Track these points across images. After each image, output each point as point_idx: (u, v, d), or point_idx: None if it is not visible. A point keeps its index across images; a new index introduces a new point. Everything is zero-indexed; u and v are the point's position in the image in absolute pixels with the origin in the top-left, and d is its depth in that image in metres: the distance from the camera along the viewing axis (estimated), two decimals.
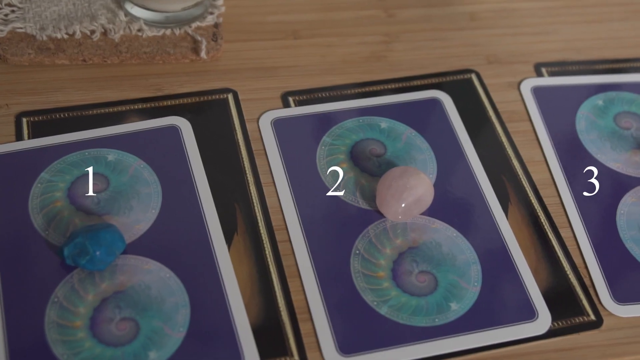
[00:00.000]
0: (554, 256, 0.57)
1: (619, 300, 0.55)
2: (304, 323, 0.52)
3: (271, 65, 0.66)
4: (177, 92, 0.63)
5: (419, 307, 0.54)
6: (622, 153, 0.63)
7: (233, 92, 0.64)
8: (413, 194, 0.56)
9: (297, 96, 0.64)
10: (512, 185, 0.60)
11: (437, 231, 0.57)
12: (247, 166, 0.59)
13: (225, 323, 0.51)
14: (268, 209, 0.57)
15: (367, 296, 0.54)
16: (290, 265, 0.55)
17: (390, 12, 0.71)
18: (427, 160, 0.61)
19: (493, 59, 0.68)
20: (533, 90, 0.66)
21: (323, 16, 0.70)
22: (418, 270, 0.55)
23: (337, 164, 0.60)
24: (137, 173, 0.58)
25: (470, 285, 0.55)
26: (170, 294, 0.52)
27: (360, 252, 0.56)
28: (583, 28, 0.72)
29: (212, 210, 0.57)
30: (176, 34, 0.65)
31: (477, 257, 0.56)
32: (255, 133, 0.61)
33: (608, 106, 0.66)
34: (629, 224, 0.59)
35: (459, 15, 0.72)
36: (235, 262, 0.54)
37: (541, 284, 0.55)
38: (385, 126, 0.63)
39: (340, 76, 0.66)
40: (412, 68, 0.67)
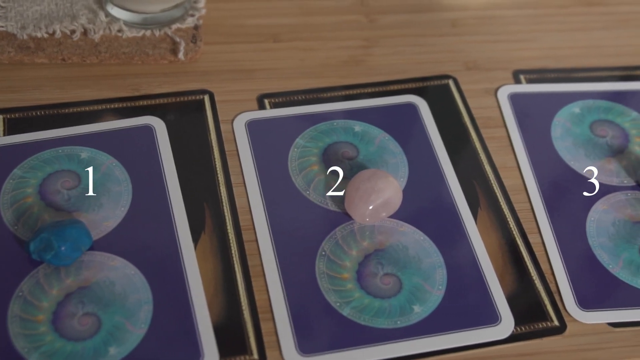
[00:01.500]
0: (521, 261, 0.57)
1: (584, 306, 0.55)
2: (266, 322, 0.53)
3: (249, 67, 0.66)
4: (154, 92, 0.64)
5: (381, 309, 0.54)
6: (596, 161, 0.63)
7: (209, 94, 0.64)
8: (381, 196, 0.57)
9: (273, 98, 0.64)
10: (483, 191, 0.60)
11: (405, 234, 0.57)
12: (218, 166, 0.60)
13: (187, 321, 0.52)
14: (237, 209, 0.58)
15: (331, 297, 0.54)
16: (256, 265, 0.55)
17: (371, 18, 0.71)
18: (399, 164, 0.61)
19: (472, 65, 0.69)
20: (510, 97, 0.66)
21: (304, 20, 0.70)
22: (383, 272, 0.55)
23: (308, 166, 0.60)
24: (109, 171, 0.58)
25: (435, 288, 0.55)
26: (134, 290, 0.53)
27: (326, 253, 0.56)
28: (564, 36, 0.72)
29: (181, 209, 0.57)
30: (156, 35, 0.66)
31: (443, 261, 0.56)
32: (229, 134, 0.62)
33: (585, 114, 0.66)
34: (599, 231, 0.59)
35: (441, 22, 0.72)
36: (200, 260, 0.55)
37: (506, 289, 0.56)
38: (360, 129, 0.63)
39: (318, 80, 0.66)
40: (390, 73, 0.67)
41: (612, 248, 0.58)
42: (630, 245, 0.58)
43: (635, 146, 0.64)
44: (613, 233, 0.59)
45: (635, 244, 0.58)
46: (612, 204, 0.60)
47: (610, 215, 0.60)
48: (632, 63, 0.70)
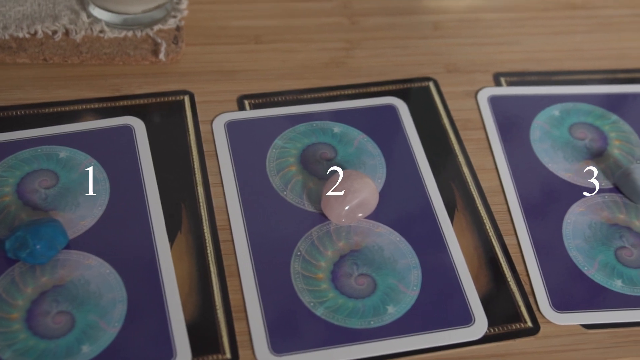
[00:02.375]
0: (496, 263, 0.57)
1: (558, 308, 0.55)
2: (239, 321, 0.53)
3: (230, 69, 0.67)
4: (135, 92, 0.64)
5: (355, 309, 0.54)
6: (574, 163, 0.63)
7: (190, 94, 0.64)
8: (357, 197, 0.57)
9: (253, 100, 0.65)
10: (460, 192, 0.61)
11: (381, 235, 0.58)
12: (196, 166, 0.60)
13: (161, 319, 0.52)
14: (214, 209, 0.58)
15: (305, 297, 0.54)
16: (231, 265, 0.55)
17: (353, 20, 0.72)
18: (377, 165, 0.61)
19: (453, 67, 0.69)
20: (490, 99, 0.67)
21: (286, 22, 0.71)
22: (358, 273, 0.56)
23: (286, 167, 0.60)
24: (87, 170, 0.59)
25: (409, 289, 0.55)
26: (109, 289, 0.53)
27: (301, 253, 0.56)
28: (545, 39, 0.72)
29: (158, 209, 0.57)
30: (137, 36, 0.66)
31: (418, 262, 0.56)
32: (208, 135, 0.62)
33: (564, 117, 0.66)
34: (575, 233, 0.59)
35: (423, 24, 0.72)
36: (176, 260, 0.55)
37: (481, 290, 0.56)
38: (338, 131, 0.63)
39: (299, 81, 0.67)
40: (370, 75, 0.68)
41: (588, 250, 0.58)
42: (606, 247, 0.59)
43: (613, 149, 0.64)
44: (589, 235, 0.59)
45: (611, 247, 0.59)
46: (589, 206, 0.61)
47: (587, 217, 0.60)
48: (613, 66, 0.71)
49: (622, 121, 0.66)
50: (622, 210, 0.61)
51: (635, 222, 0.60)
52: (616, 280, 0.57)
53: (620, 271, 0.57)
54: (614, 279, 0.57)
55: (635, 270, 0.58)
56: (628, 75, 0.70)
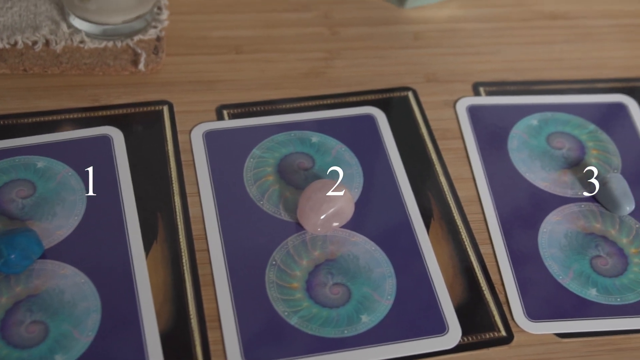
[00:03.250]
0: (471, 272, 0.57)
1: (532, 317, 0.55)
2: (213, 331, 0.53)
3: (210, 79, 0.67)
4: (114, 102, 0.64)
5: (329, 318, 0.54)
6: (552, 172, 0.63)
7: (169, 104, 0.65)
8: (332, 206, 0.57)
9: (232, 109, 0.65)
10: (437, 202, 0.61)
11: (357, 244, 0.58)
12: (174, 176, 0.60)
13: (134, 329, 0.52)
14: (190, 219, 0.58)
15: (279, 306, 0.54)
16: (206, 274, 0.56)
17: (334, 30, 0.72)
18: (354, 174, 0.62)
19: (432, 77, 0.69)
20: (468, 109, 0.67)
21: (267, 32, 0.71)
22: (333, 282, 0.56)
23: (263, 176, 0.61)
24: (65, 180, 0.59)
25: (384, 298, 0.55)
26: (83, 298, 0.53)
27: (277, 263, 0.56)
28: (525, 49, 0.72)
29: (134, 218, 0.57)
30: (118, 46, 0.67)
31: (393, 271, 0.57)
32: (187, 144, 0.62)
33: (542, 126, 0.66)
34: (551, 242, 0.59)
35: (403, 34, 0.72)
36: (151, 269, 0.55)
37: (455, 299, 0.56)
38: (316, 140, 0.63)
39: (278, 91, 0.67)
40: (350, 85, 0.68)
41: (563, 259, 0.58)
42: (582, 256, 0.59)
43: (591, 158, 0.65)
44: (565, 244, 0.59)
45: (586, 256, 0.59)
46: (565, 215, 0.61)
47: (563, 226, 0.60)
48: (591, 76, 0.71)
49: (600, 130, 0.67)
50: (598, 219, 0.61)
51: (611, 231, 0.60)
52: (591, 289, 0.57)
53: (595, 280, 0.58)
54: (589, 288, 0.57)
55: (610, 279, 0.58)
56: (606, 85, 0.70)
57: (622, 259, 0.59)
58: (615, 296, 0.57)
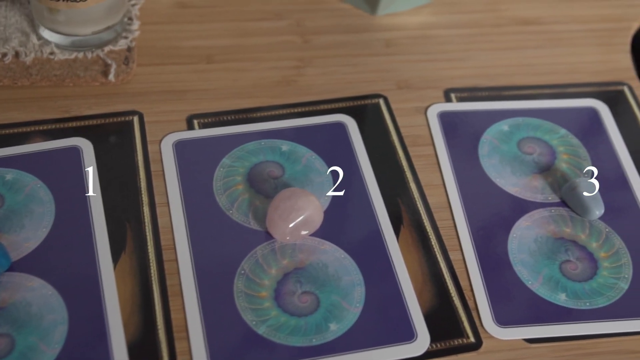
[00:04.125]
0: (441, 278, 0.57)
1: (501, 323, 0.55)
2: (180, 341, 0.53)
3: (181, 88, 0.67)
4: (84, 114, 0.64)
5: (297, 327, 0.54)
6: (522, 178, 0.63)
7: (139, 115, 0.65)
8: (301, 214, 0.57)
9: (203, 119, 0.65)
10: (406, 208, 0.61)
11: (326, 252, 0.58)
12: (143, 187, 0.60)
13: (101, 340, 0.52)
14: (159, 229, 0.58)
15: (247, 316, 0.54)
16: (174, 285, 0.56)
17: (306, 38, 0.72)
18: (324, 182, 0.62)
19: (404, 84, 0.69)
20: (439, 115, 0.67)
21: (239, 41, 0.71)
22: (301, 290, 0.56)
23: (233, 185, 0.61)
24: (33, 192, 0.59)
25: (352, 306, 0.55)
26: (50, 311, 0.53)
27: (245, 272, 0.56)
28: (497, 55, 0.72)
29: (103, 229, 0.57)
30: (88, 57, 0.67)
31: (362, 279, 0.57)
32: (157, 155, 0.62)
33: (513, 131, 0.67)
34: (520, 248, 0.59)
35: (375, 42, 0.72)
36: (119, 280, 0.55)
37: (424, 306, 0.56)
38: (287, 149, 0.63)
39: (249, 100, 0.67)
40: (321, 92, 0.68)
41: (533, 264, 0.58)
42: (551, 261, 0.59)
43: (561, 163, 0.65)
44: (534, 249, 0.59)
45: (556, 260, 0.59)
46: (535, 220, 0.61)
47: (533, 231, 0.60)
48: (563, 81, 0.71)
49: (571, 135, 0.67)
50: (568, 223, 0.61)
51: (581, 235, 0.60)
52: (560, 294, 0.57)
53: (564, 285, 0.58)
54: (558, 292, 0.57)
55: (580, 283, 0.58)
56: (577, 90, 0.70)
57: (592, 263, 0.59)
58: (584, 300, 0.57)
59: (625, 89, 0.71)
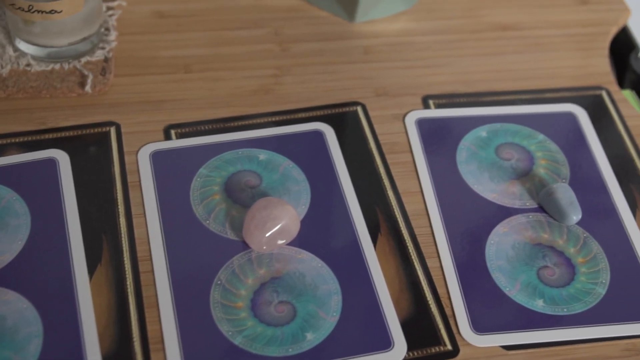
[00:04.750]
0: (418, 286, 0.57)
1: (478, 330, 0.55)
2: (156, 353, 0.53)
3: (158, 98, 0.67)
4: (61, 125, 0.64)
5: (274, 337, 0.54)
6: (500, 184, 0.63)
7: (116, 125, 0.64)
8: (277, 224, 0.57)
9: (180, 129, 0.65)
10: (384, 216, 0.61)
11: (303, 262, 0.58)
12: (119, 198, 0.60)
13: (76, 353, 0.52)
14: (135, 240, 0.58)
15: (223, 326, 0.54)
16: (150, 296, 0.55)
17: (284, 46, 0.72)
18: (301, 191, 0.62)
19: (382, 91, 0.69)
20: (417, 122, 0.67)
21: (216, 50, 0.71)
22: (278, 300, 0.56)
23: (210, 195, 0.61)
24: (9, 205, 0.59)
25: (329, 315, 0.55)
26: (26, 324, 0.53)
27: (222, 282, 0.56)
28: (476, 61, 0.72)
29: (79, 241, 0.57)
30: (65, 68, 0.67)
31: (339, 288, 0.56)
32: (133, 165, 0.62)
33: (491, 137, 0.66)
34: (498, 254, 0.59)
35: (353, 49, 0.72)
36: (95, 292, 0.55)
37: (401, 314, 0.56)
38: (264, 158, 0.63)
39: (227, 109, 0.67)
40: (299, 101, 0.68)
41: (510, 271, 0.58)
42: (529, 267, 0.59)
43: (539, 168, 0.65)
44: (512, 256, 0.59)
45: (533, 267, 0.59)
46: (512, 226, 0.61)
47: (510, 237, 0.60)
48: (542, 86, 0.71)
49: (549, 140, 0.67)
50: (545, 229, 0.61)
51: (559, 241, 0.60)
52: (537, 300, 0.57)
53: (542, 291, 0.58)
54: (536, 299, 0.57)
55: (557, 289, 0.58)
56: (556, 95, 0.70)
57: (569, 269, 0.59)
58: (562, 306, 0.57)
59: (603, 94, 0.71)
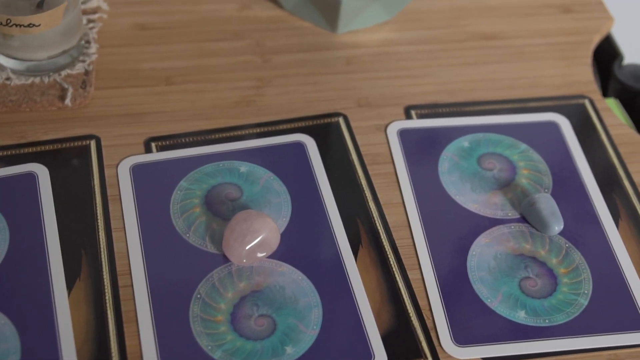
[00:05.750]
0: (399, 298, 0.57)
1: (459, 342, 0.55)
2: None
3: (139, 111, 0.67)
4: (41, 139, 0.64)
5: (253, 351, 0.54)
6: (482, 194, 0.63)
7: (96, 139, 0.64)
8: (256, 237, 0.57)
9: (161, 142, 0.64)
10: (365, 228, 0.60)
11: (283, 274, 0.57)
12: (99, 212, 0.60)
13: None
14: (114, 254, 0.58)
15: (203, 341, 0.54)
16: (129, 311, 0.55)
17: (265, 58, 0.72)
18: (282, 203, 0.61)
19: (364, 102, 0.69)
20: (399, 132, 0.67)
21: (198, 62, 0.71)
22: (258, 314, 0.55)
23: (190, 208, 0.60)
24: None
25: (309, 328, 0.55)
26: (3, 340, 0.53)
27: (201, 296, 0.56)
28: (458, 70, 0.72)
29: (58, 256, 0.57)
30: (45, 82, 0.66)
31: (319, 300, 0.56)
32: (113, 179, 0.62)
33: (474, 147, 0.66)
34: (480, 265, 0.59)
35: (335, 60, 0.72)
36: (73, 307, 0.55)
37: (382, 327, 0.55)
38: (245, 170, 0.63)
39: (208, 121, 0.67)
40: (280, 112, 0.68)
41: (492, 282, 0.58)
42: (510, 278, 0.58)
43: (522, 178, 0.64)
44: (494, 267, 0.59)
45: (515, 277, 0.59)
46: (494, 237, 0.61)
47: (492, 248, 0.60)
48: (524, 95, 0.71)
49: (532, 150, 0.67)
50: (528, 240, 0.61)
51: (541, 251, 0.60)
52: (519, 312, 0.57)
53: (523, 302, 0.57)
54: (517, 310, 0.57)
55: (539, 300, 0.57)
56: (539, 104, 0.70)
57: (552, 280, 0.59)
58: (543, 318, 0.57)
59: (586, 102, 0.70)
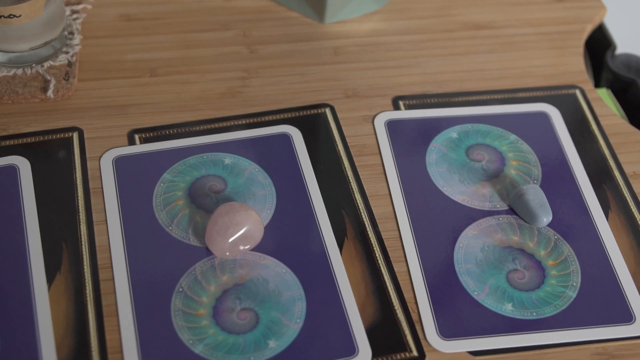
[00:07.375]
0: (384, 291, 0.56)
1: (445, 335, 0.54)
2: None
3: (123, 103, 0.66)
4: (23, 131, 0.63)
5: (235, 345, 0.53)
6: (470, 185, 0.62)
7: (79, 131, 0.63)
8: (239, 229, 0.56)
9: (144, 133, 0.64)
10: (351, 220, 0.60)
11: (267, 267, 0.56)
12: (81, 205, 0.59)
13: None
14: (96, 248, 0.57)
15: (184, 335, 0.53)
16: (110, 305, 0.54)
17: (252, 48, 0.71)
18: (267, 195, 0.60)
19: (351, 93, 0.68)
20: (387, 123, 0.66)
21: (183, 53, 0.70)
22: (240, 307, 0.55)
23: (173, 201, 0.59)
24: None
25: (292, 322, 0.54)
26: None
27: (183, 289, 0.55)
28: (447, 61, 0.71)
29: (38, 249, 0.56)
30: (28, 73, 0.65)
31: (303, 294, 0.55)
32: (96, 171, 0.61)
33: (462, 138, 0.65)
34: (466, 257, 0.58)
35: (323, 50, 0.71)
36: (53, 301, 0.54)
37: (367, 320, 0.55)
38: (229, 162, 0.62)
39: (193, 113, 0.66)
40: (266, 103, 0.67)
41: (479, 274, 0.57)
42: (498, 271, 0.58)
43: (510, 169, 0.64)
44: (481, 259, 0.58)
45: (502, 270, 0.58)
46: (482, 229, 0.60)
47: (480, 240, 0.59)
48: (514, 85, 0.70)
49: (521, 141, 0.66)
50: (516, 231, 0.60)
51: (529, 243, 0.59)
52: (506, 305, 0.56)
53: (510, 295, 0.56)
54: (504, 303, 0.56)
55: (527, 293, 0.57)
56: (528, 94, 0.69)
57: (539, 272, 0.58)
58: (531, 310, 0.56)
59: (577, 93, 0.70)
